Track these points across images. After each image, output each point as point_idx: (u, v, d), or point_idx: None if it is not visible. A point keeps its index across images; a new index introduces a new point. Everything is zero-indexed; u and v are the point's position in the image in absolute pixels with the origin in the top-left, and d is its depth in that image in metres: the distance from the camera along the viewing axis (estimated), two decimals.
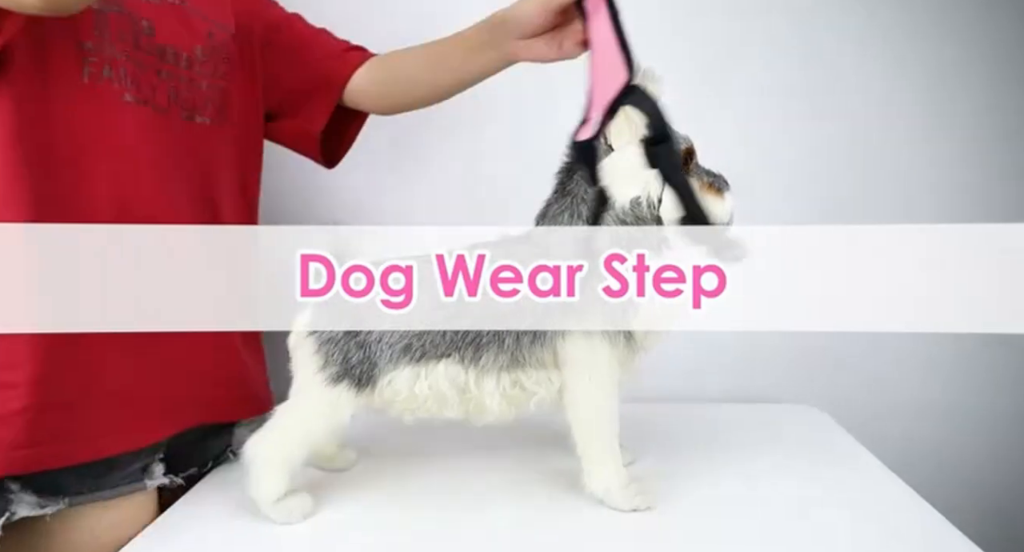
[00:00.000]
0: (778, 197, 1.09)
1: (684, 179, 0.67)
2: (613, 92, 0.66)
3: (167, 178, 0.73)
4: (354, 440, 0.85)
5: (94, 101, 0.66)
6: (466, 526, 0.69)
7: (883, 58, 1.08)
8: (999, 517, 1.16)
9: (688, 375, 1.12)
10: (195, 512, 0.72)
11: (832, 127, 1.09)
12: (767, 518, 0.70)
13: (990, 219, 1.11)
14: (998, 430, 1.16)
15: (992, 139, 1.09)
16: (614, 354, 0.69)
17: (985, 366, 1.15)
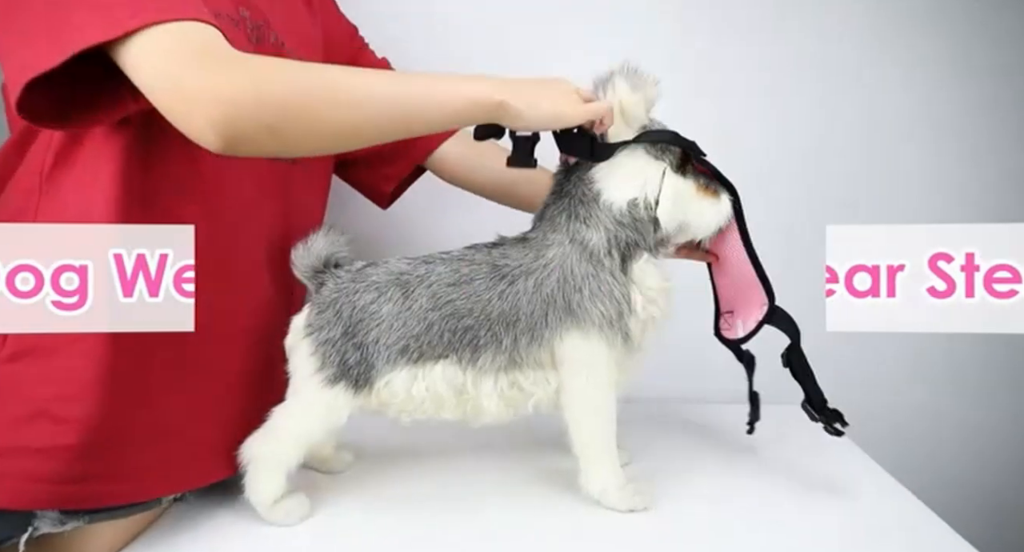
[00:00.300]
0: (778, 197, 1.10)
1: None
2: (758, 312, 0.77)
3: (251, 218, 0.73)
4: (351, 442, 0.85)
5: (195, 147, 0.64)
6: (463, 527, 0.69)
7: (883, 57, 1.08)
8: (992, 515, 1.17)
9: (683, 376, 1.12)
10: (194, 514, 0.72)
11: (832, 126, 1.09)
12: (762, 518, 0.70)
13: (990, 218, 1.12)
14: (991, 430, 1.17)
15: (992, 139, 1.10)
16: (611, 355, 0.70)
17: (979, 366, 1.15)
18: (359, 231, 0.78)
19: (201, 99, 0.54)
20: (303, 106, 0.58)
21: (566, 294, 0.68)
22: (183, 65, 0.54)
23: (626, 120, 0.68)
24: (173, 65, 0.54)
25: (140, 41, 0.54)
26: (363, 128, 0.62)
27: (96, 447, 0.61)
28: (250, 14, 0.71)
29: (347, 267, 0.72)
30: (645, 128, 0.70)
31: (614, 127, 0.69)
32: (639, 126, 0.70)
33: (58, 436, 0.60)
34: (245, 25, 0.70)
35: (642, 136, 0.70)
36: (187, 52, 0.55)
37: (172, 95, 0.55)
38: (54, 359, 0.61)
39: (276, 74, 0.58)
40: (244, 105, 0.55)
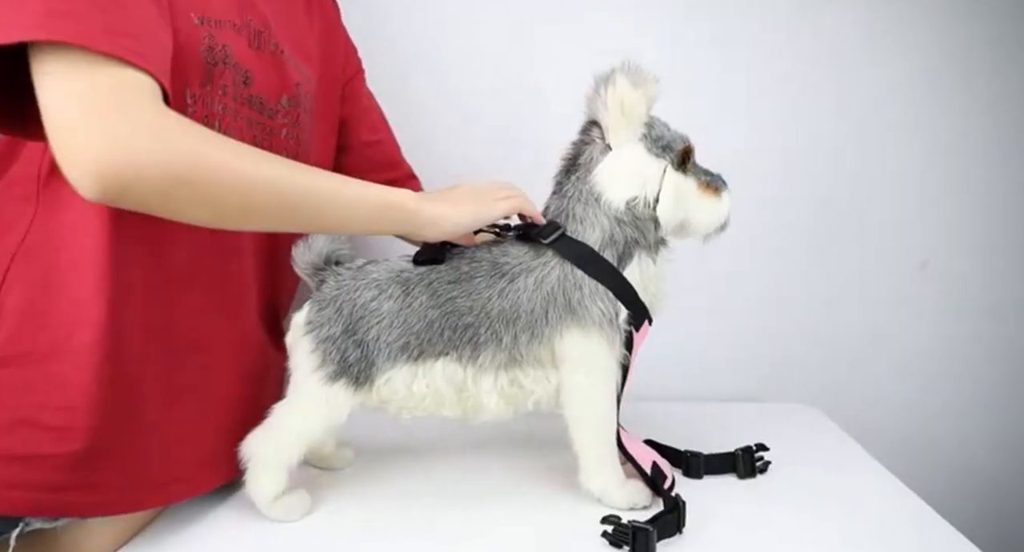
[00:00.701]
0: (778, 197, 1.09)
1: None
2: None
3: (244, 231, 0.73)
4: (352, 439, 0.85)
5: None
6: (464, 525, 0.69)
7: (883, 57, 1.08)
8: (993, 513, 1.17)
9: (685, 374, 1.13)
10: (194, 510, 0.72)
11: (832, 126, 1.09)
12: (764, 514, 0.70)
13: (989, 218, 1.12)
14: (992, 427, 1.17)
15: (992, 138, 1.10)
16: (612, 353, 0.70)
17: (979, 364, 1.15)
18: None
19: (87, 154, 0.51)
20: (203, 176, 0.55)
21: (566, 292, 0.68)
22: (80, 114, 0.51)
23: (627, 117, 0.68)
24: (69, 110, 0.51)
25: (52, 58, 0.50)
26: (262, 211, 0.59)
27: (81, 457, 0.60)
28: (253, 19, 0.70)
29: (348, 264, 0.72)
30: (646, 125, 0.70)
31: (614, 124, 0.69)
32: (640, 123, 0.70)
33: (42, 444, 0.59)
34: (247, 30, 0.69)
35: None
36: (89, 100, 0.51)
37: (63, 127, 0.51)
38: (42, 367, 0.60)
39: (184, 136, 0.55)
40: (141, 163, 0.52)
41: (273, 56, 0.72)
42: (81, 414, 0.60)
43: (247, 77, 0.68)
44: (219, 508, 0.72)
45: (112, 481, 0.63)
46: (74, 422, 0.60)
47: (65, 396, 0.60)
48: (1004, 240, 1.12)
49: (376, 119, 0.94)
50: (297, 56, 0.77)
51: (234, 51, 0.66)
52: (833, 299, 1.13)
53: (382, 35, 1.05)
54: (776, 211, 1.10)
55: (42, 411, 0.59)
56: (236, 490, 0.70)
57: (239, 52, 0.67)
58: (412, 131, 1.07)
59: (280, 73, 0.73)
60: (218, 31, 0.64)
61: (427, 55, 1.06)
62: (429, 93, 1.06)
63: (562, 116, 0.74)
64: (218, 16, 0.65)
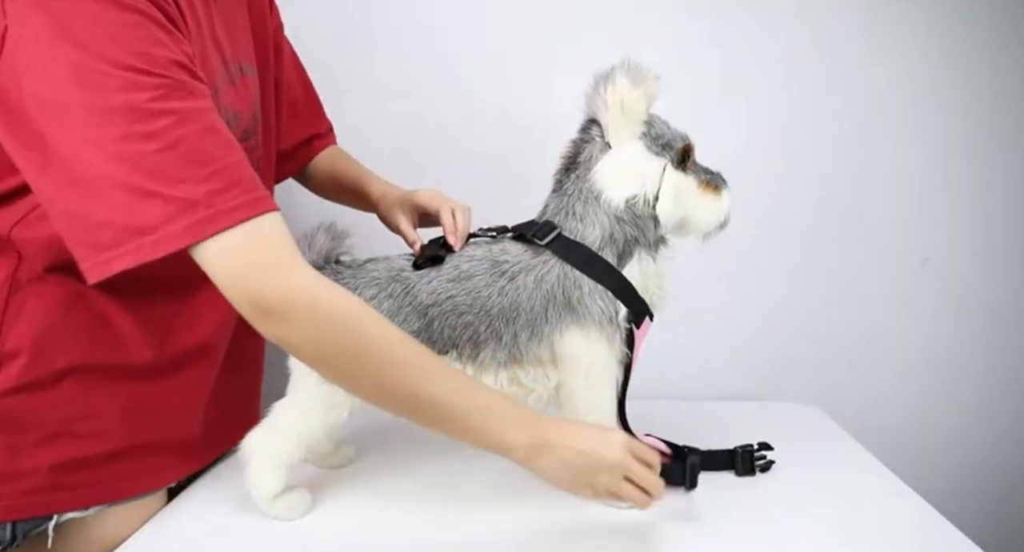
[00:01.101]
0: (778, 197, 1.10)
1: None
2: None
3: None
4: (352, 437, 0.85)
5: None
6: (464, 523, 0.69)
7: (883, 57, 1.08)
8: (993, 513, 1.17)
9: (686, 374, 1.13)
10: (194, 508, 0.73)
11: (832, 126, 1.09)
12: (764, 513, 0.70)
13: (989, 218, 1.12)
14: (992, 427, 1.17)
15: (992, 138, 1.10)
16: (611, 351, 0.70)
17: (979, 364, 1.15)
18: (360, 228, 0.78)
19: (256, 312, 0.56)
20: (358, 346, 0.58)
21: (566, 290, 0.68)
22: (251, 272, 0.56)
23: (627, 115, 0.68)
24: (240, 277, 0.56)
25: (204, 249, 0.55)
26: (392, 400, 0.61)
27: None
28: (226, 56, 0.71)
29: (348, 263, 0.72)
30: (645, 124, 0.70)
31: (614, 123, 0.69)
32: (639, 121, 0.70)
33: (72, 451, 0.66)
34: (228, 72, 0.71)
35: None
36: (251, 264, 0.56)
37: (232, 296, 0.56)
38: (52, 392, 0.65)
39: (343, 297, 0.59)
40: (310, 299, 0.56)
41: (243, 81, 0.73)
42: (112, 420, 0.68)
43: (236, 117, 0.70)
44: (219, 506, 0.72)
45: (116, 475, 0.69)
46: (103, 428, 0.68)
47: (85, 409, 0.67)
48: (1004, 240, 1.12)
49: (300, 71, 0.92)
50: (244, 59, 0.77)
51: (228, 103, 0.69)
52: (833, 299, 1.13)
53: (382, 35, 1.06)
54: (776, 211, 1.10)
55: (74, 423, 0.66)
56: (238, 488, 0.70)
57: (228, 98, 0.69)
58: (412, 131, 1.07)
59: (249, 94, 0.74)
60: (218, 97, 0.66)
61: (427, 55, 1.06)
62: (429, 93, 1.07)
63: (562, 114, 0.74)
64: (214, 83, 0.66)
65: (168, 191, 0.53)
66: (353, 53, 1.06)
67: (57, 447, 0.65)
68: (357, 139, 0.97)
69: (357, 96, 1.06)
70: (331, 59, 1.03)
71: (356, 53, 1.06)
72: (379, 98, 1.03)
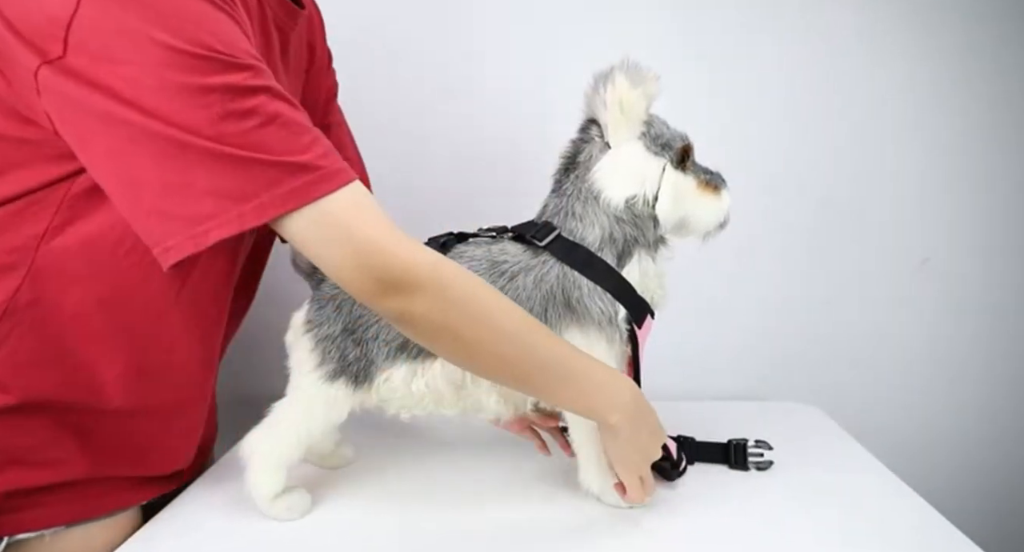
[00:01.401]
0: (778, 197, 1.09)
1: None
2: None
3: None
4: (351, 438, 0.85)
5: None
6: (463, 523, 0.69)
7: (883, 57, 1.08)
8: (993, 512, 1.17)
9: (686, 373, 1.13)
10: (194, 508, 0.73)
11: (833, 126, 1.09)
12: (764, 513, 0.70)
13: (989, 218, 1.12)
14: (992, 427, 1.17)
15: (992, 138, 1.10)
16: (611, 351, 0.70)
17: (979, 364, 1.15)
18: None
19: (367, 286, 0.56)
20: (474, 305, 0.59)
21: (565, 290, 0.68)
22: (356, 231, 0.55)
23: (626, 115, 0.68)
24: (341, 242, 0.55)
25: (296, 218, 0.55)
26: (495, 360, 0.62)
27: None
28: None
29: None
30: (645, 123, 0.70)
31: (614, 123, 0.69)
32: (639, 121, 0.70)
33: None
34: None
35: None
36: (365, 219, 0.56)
37: (343, 265, 0.56)
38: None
39: (448, 262, 0.60)
40: (420, 262, 0.57)
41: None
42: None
43: None
44: (219, 506, 0.72)
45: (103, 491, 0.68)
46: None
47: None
48: (1004, 240, 1.12)
49: (345, 138, 0.92)
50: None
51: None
52: (833, 299, 1.13)
53: (382, 35, 1.06)
54: (776, 211, 1.10)
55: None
56: (237, 488, 0.70)
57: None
58: (412, 130, 1.07)
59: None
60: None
61: (427, 55, 1.06)
62: (429, 93, 1.07)
63: (562, 114, 0.74)
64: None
65: (272, 158, 0.53)
66: (353, 52, 1.06)
67: (7, 475, 0.62)
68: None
69: (357, 96, 1.06)
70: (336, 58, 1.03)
71: (356, 53, 1.06)
72: (377, 98, 1.03)
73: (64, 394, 0.63)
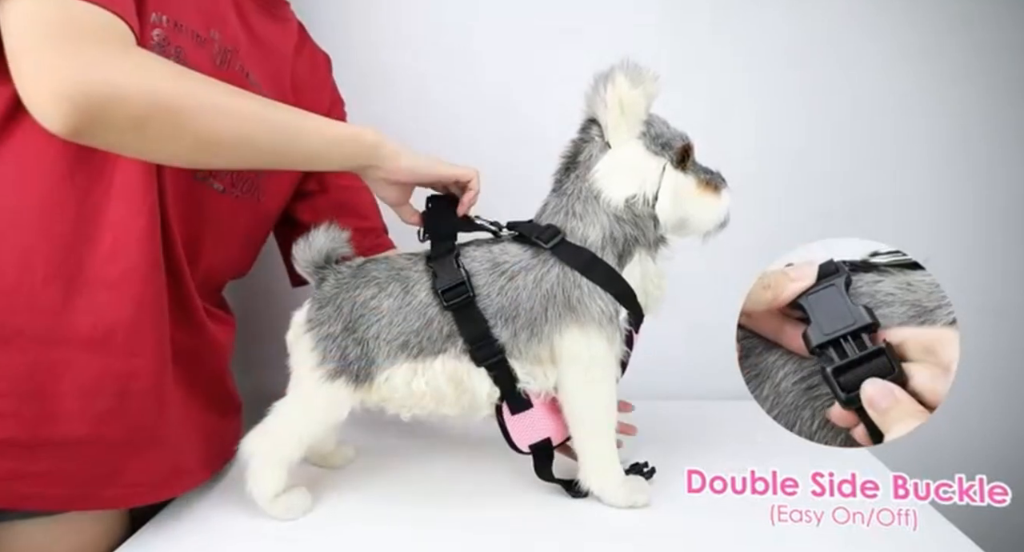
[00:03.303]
0: (779, 196, 1.09)
1: None
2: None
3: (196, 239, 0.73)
4: (352, 437, 0.85)
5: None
6: (464, 522, 0.69)
7: (883, 57, 1.08)
8: (993, 512, 1.16)
9: (687, 373, 1.13)
10: (194, 508, 0.73)
11: (833, 127, 1.09)
12: (763, 513, 0.70)
13: (989, 218, 1.12)
14: (992, 427, 1.16)
15: (993, 138, 1.10)
16: (611, 351, 0.70)
17: (979, 364, 1.15)
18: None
19: (60, 73, 0.49)
20: (180, 106, 0.55)
21: (565, 290, 0.68)
22: (58, 39, 0.50)
23: (626, 115, 0.68)
24: (44, 37, 0.50)
25: (20, 4, 0.50)
26: (233, 142, 0.59)
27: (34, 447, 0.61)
28: (220, 37, 0.70)
29: (348, 263, 0.73)
30: (645, 123, 0.70)
31: (614, 122, 0.69)
32: (639, 121, 0.70)
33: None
34: (212, 46, 0.69)
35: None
36: (68, 30, 0.50)
37: (33, 63, 0.50)
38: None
39: (161, 69, 0.55)
40: (115, 90, 0.51)
41: (238, 77, 0.72)
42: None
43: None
44: (219, 506, 0.73)
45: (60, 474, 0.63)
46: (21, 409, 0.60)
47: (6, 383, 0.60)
48: (1004, 240, 1.12)
49: (360, 199, 0.91)
50: (268, 88, 0.76)
51: (189, 57, 0.65)
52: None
53: (383, 33, 1.06)
54: (777, 211, 1.09)
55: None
56: (238, 487, 0.70)
57: (195, 60, 0.66)
58: (412, 130, 1.07)
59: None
60: (174, 33, 0.64)
61: (427, 54, 1.06)
62: (429, 92, 1.07)
63: (562, 114, 0.74)
64: (180, 19, 0.65)
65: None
66: (353, 53, 1.06)
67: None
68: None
69: (357, 96, 1.06)
70: (336, 57, 1.03)
71: (355, 54, 1.06)
72: (377, 98, 1.03)
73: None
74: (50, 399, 0.61)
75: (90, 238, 0.62)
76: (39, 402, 0.61)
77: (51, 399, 0.61)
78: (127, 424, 0.65)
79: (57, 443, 0.62)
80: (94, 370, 0.63)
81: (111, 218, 0.63)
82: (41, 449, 0.61)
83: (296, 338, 0.71)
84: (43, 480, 0.62)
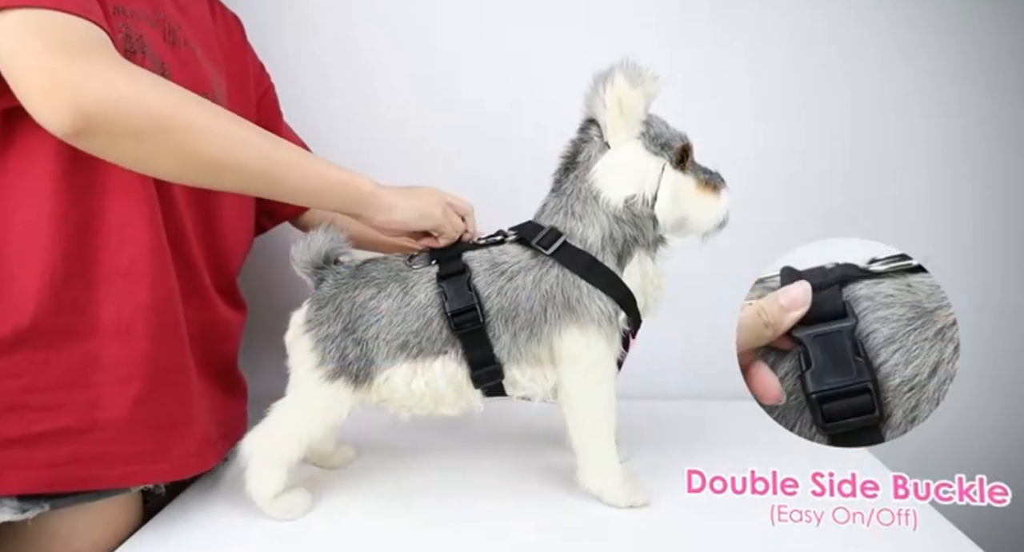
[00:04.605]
0: (779, 197, 1.09)
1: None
2: None
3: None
4: (351, 437, 0.85)
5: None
6: (463, 522, 0.69)
7: (884, 58, 1.08)
8: (993, 511, 1.16)
9: (687, 373, 1.12)
10: (195, 507, 0.73)
11: (833, 127, 1.09)
12: (762, 513, 0.70)
13: (989, 218, 1.12)
14: (992, 427, 1.16)
15: (993, 139, 1.10)
16: (611, 351, 0.70)
17: (979, 364, 1.15)
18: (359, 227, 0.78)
19: (69, 81, 0.52)
20: (180, 123, 0.57)
21: (565, 290, 0.68)
22: (54, 51, 0.52)
23: (625, 115, 0.68)
24: (41, 49, 0.52)
25: (8, 20, 0.52)
26: (229, 169, 0.61)
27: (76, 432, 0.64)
28: (165, 17, 0.71)
29: (347, 263, 0.73)
30: (644, 123, 0.70)
31: (613, 122, 0.69)
32: (638, 121, 0.70)
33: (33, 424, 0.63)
34: (162, 26, 0.70)
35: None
36: (60, 41, 0.53)
37: (35, 72, 0.52)
38: (24, 352, 0.63)
39: (161, 86, 0.58)
40: (119, 99, 0.54)
41: (189, 52, 0.73)
42: (140, 384, 0.67)
43: (164, 70, 0.68)
44: (219, 506, 0.73)
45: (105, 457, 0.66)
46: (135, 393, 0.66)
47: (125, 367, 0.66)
48: (1004, 240, 1.12)
49: (292, 140, 0.90)
50: (208, 60, 0.77)
51: (150, 42, 0.67)
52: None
53: (382, 34, 1.06)
54: (777, 211, 1.09)
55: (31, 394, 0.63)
56: (238, 487, 0.70)
57: (155, 44, 0.68)
58: (411, 130, 1.07)
59: (195, 70, 0.73)
60: (133, 22, 0.65)
61: (426, 55, 1.06)
62: (429, 92, 1.07)
63: (561, 114, 0.74)
64: (132, 7, 0.66)
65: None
66: (353, 52, 1.06)
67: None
68: (348, 139, 0.97)
69: (356, 96, 1.06)
70: (330, 61, 1.03)
71: (356, 53, 1.06)
72: (375, 98, 1.03)
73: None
74: (92, 387, 0.65)
75: (97, 231, 0.65)
76: (82, 391, 0.65)
77: (93, 387, 0.65)
78: (163, 403, 0.69)
79: (104, 427, 0.65)
80: (123, 355, 0.66)
81: (113, 208, 0.66)
82: (91, 434, 0.65)
83: (295, 339, 0.71)
84: (99, 462, 0.66)
